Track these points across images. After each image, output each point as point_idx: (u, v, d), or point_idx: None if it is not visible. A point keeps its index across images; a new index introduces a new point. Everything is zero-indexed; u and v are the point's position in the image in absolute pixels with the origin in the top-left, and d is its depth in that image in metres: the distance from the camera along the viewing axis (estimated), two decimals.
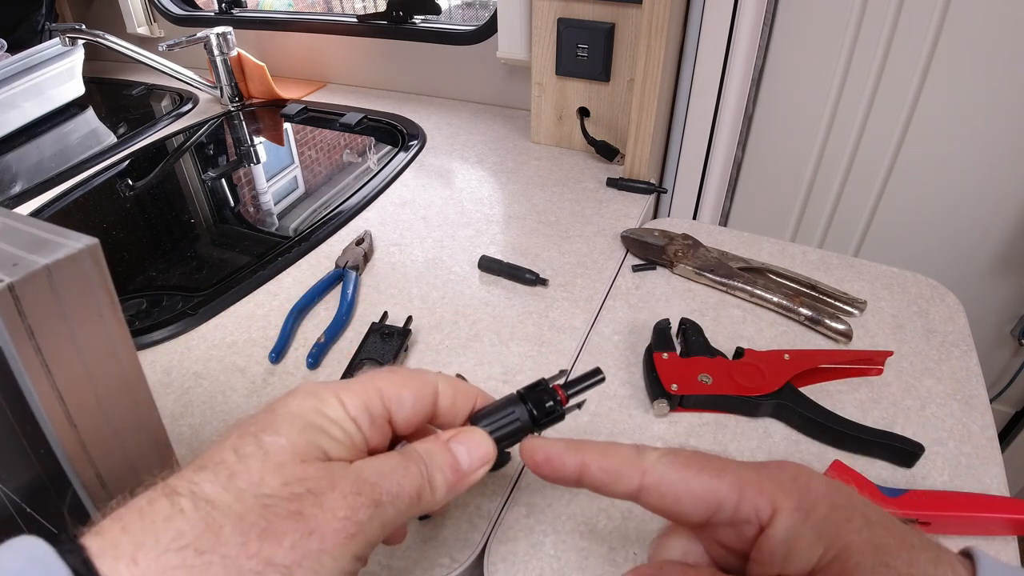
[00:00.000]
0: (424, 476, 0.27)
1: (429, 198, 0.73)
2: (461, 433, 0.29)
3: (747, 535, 0.25)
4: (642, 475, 0.26)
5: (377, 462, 0.26)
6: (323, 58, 1.08)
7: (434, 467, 0.27)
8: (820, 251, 0.61)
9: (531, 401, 0.31)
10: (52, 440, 0.26)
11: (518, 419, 0.30)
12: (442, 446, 0.28)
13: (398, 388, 0.28)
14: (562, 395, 0.31)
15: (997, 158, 0.73)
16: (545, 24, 0.74)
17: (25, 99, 0.95)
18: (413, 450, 0.27)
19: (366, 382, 0.28)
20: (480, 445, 0.29)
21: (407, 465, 0.26)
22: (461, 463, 0.28)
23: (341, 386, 0.27)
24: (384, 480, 0.25)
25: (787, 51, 0.76)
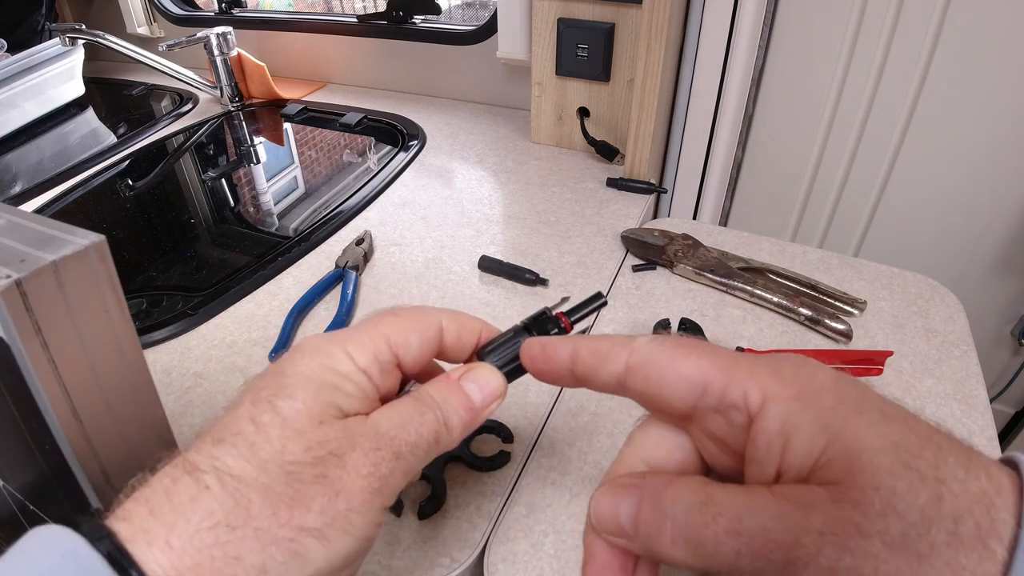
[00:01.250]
0: (440, 420, 0.27)
1: (429, 198, 0.73)
2: (471, 370, 0.29)
3: (736, 423, 0.22)
4: (629, 355, 0.25)
5: (393, 413, 0.26)
6: (323, 58, 1.08)
7: (449, 409, 0.27)
8: (820, 251, 0.61)
9: (536, 331, 0.31)
10: (57, 436, 0.26)
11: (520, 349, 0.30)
12: (454, 386, 0.28)
13: (403, 332, 0.28)
14: (566, 322, 0.31)
15: (997, 158, 0.73)
16: (545, 24, 0.74)
17: (25, 99, 0.95)
18: (426, 394, 0.27)
19: (371, 330, 0.27)
20: (490, 380, 0.29)
21: (422, 412, 0.26)
22: (474, 401, 0.28)
23: (347, 338, 0.27)
24: (402, 431, 0.25)
25: (787, 51, 0.76)
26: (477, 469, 0.41)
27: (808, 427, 0.20)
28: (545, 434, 0.44)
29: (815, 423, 0.20)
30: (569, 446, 0.43)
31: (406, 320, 0.29)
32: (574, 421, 0.45)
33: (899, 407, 0.21)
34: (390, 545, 0.37)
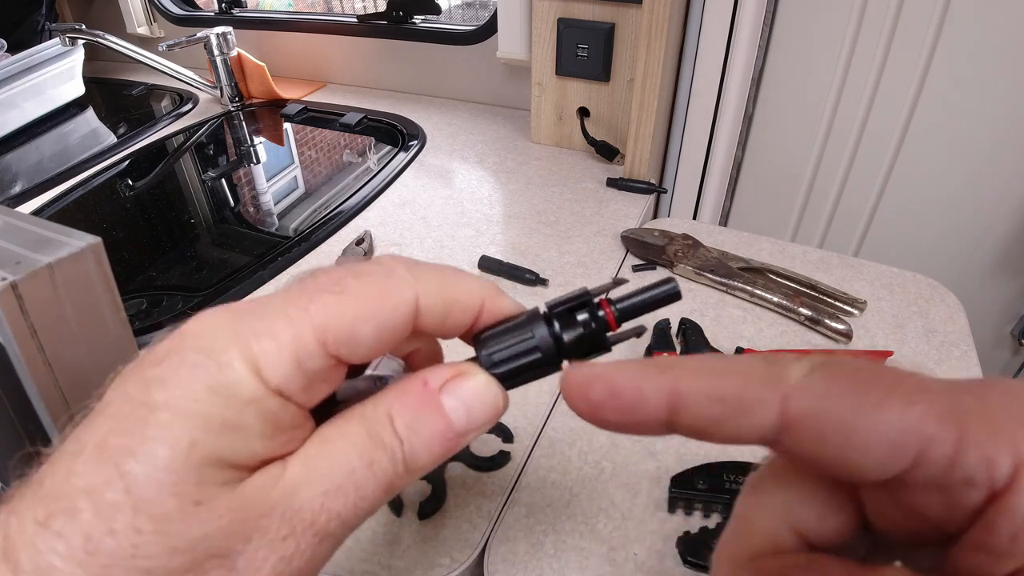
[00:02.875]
0: (399, 461, 0.18)
1: (429, 198, 0.73)
2: (458, 379, 0.20)
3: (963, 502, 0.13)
4: (784, 400, 0.14)
5: (323, 460, 0.18)
6: (323, 58, 1.08)
7: (416, 442, 0.19)
8: (820, 251, 0.61)
9: (558, 320, 0.20)
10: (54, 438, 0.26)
11: (536, 347, 0.20)
12: (430, 403, 0.19)
13: (349, 320, 0.18)
14: (610, 314, 0.21)
15: (997, 158, 0.73)
16: (545, 24, 0.74)
17: (25, 99, 0.95)
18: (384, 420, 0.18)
19: (297, 317, 0.17)
20: (483, 395, 0.20)
21: (372, 455, 0.18)
22: (455, 426, 0.19)
23: (255, 331, 0.17)
24: (334, 498, 0.17)
25: (787, 51, 0.76)
26: (477, 469, 0.41)
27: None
28: (545, 434, 0.44)
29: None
30: (569, 446, 0.43)
31: (356, 301, 0.18)
32: (574, 421, 0.45)
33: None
34: (390, 545, 0.37)
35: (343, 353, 0.18)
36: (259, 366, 0.17)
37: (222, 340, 0.17)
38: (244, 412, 0.16)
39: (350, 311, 0.18)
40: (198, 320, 0.18)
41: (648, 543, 0.37)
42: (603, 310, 0.21)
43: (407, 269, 0.19)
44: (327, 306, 0.18)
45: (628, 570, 0.36)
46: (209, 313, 0.18)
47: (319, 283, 0.18)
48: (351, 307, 0.18)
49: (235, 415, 0.16)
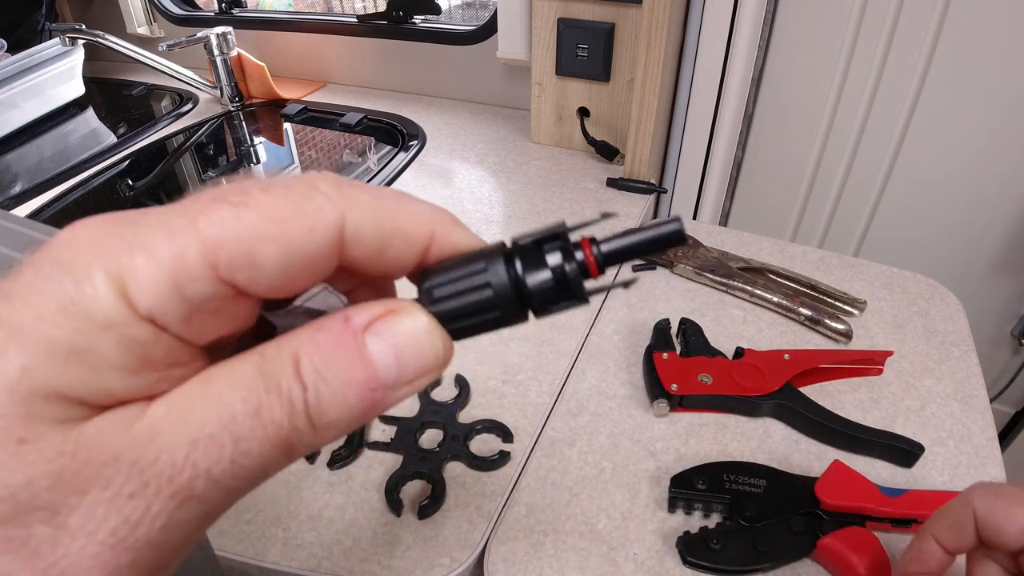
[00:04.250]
0: (298, 418, 0.14)
1: (429, 198, 0.72)
2: (389, 316, 0.16)
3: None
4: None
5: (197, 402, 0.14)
6: (323, 58, 1.08)
7: (324, 392, 0.15)
8: (820, 251, 0.61)
9: (521, 259, 0.16)
10: None
11: (487, 283, 0.16)
12: (347, 347, 0.15)
13: (248, 241, 0.14)
14: (590, 256, 0.17)
15: (997, 158, 0.73)
16: (545, 24, 0.74)
17: (25, 99, 0.95)
18: (285, 355, 0.15)
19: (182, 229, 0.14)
20: (419, 338, 0.16)
21: (260, 399, 0.14)
22: (381, 375, 0.15)
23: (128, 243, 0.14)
24: (200, 451, 0.14)
25: (787, 51, 0.76)
26: (477, 469, 0.41)
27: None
28: (545, 434, 0.44)
29: None
30: (569, 446, 0.43)
31: (260, 216, 0.14)
32: (574, 421, 0.45)
33: None
34: (390, 545, 0.37)
35: (239, 279, 0.14)
36: (126, 285, 0.13)
37: (87, 251, 0.14)
38: (98, 338, 0.13)
39: (251, 227, 0.14)
40: (70, 228, 0.14)
41: (648, 543, 0.37)
42: (583, 251, 0.16)
43: (335, 186, 0.15)
44: (223, 219, 0.14)
45: (628, 570, 0.36)
46: (85, 221, 0.14)
47: (219, 192, 0.14)
48: (253, 222, 0.14)
49: (85, 340, 0.13)
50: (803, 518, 0.37)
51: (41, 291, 0.13)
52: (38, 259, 0.14)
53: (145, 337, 0.14)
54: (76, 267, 0.13)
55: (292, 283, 0.15)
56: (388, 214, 0.16)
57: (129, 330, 0.13)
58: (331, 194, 0.15)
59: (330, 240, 0.15)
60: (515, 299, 0.16)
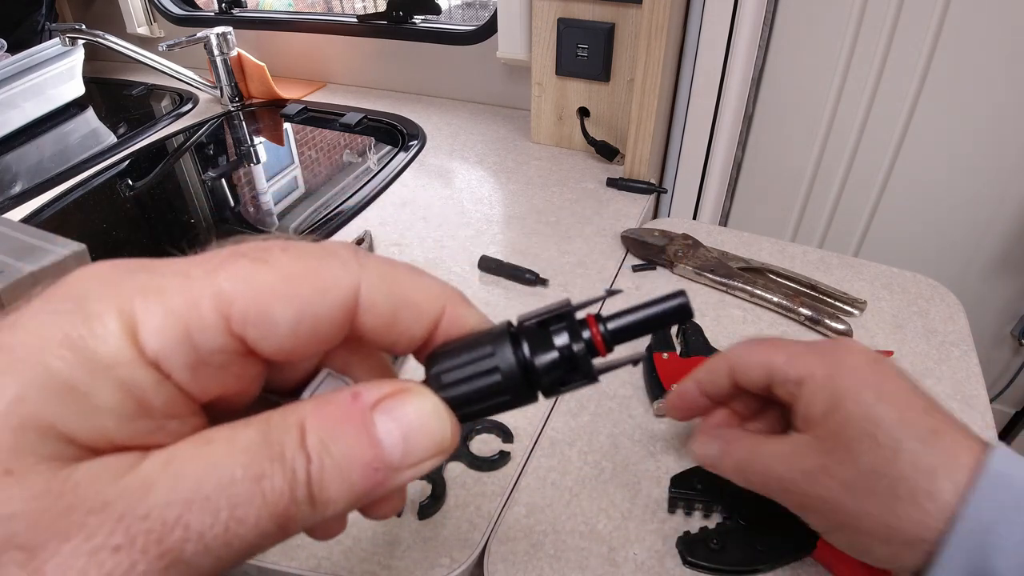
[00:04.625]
0: (299, 490, 0.14)
1: (429, 198, 0.73)
2: (398, 396, 0.15)
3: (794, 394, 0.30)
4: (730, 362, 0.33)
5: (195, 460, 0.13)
6: (323, 58, 1.08)
7: (328, 467, 0.14)
8: (820, 251, 0.61)
9: (530, 341, 0.16)
10: None
11: (496, 368, 0.16)
12: (354, 422, 0.15)
13: (263, 298, 0.14)
14: (597, 335, 0.17)
15: (997, 158, 0.73)
16: (545, 24, 0.74)
17: (25, 99, 0.95)
18: (290, 423, 0.14)
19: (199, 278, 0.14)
20: (427, 422, 0.15)
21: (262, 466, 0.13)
22: (387, 455, 0.15)
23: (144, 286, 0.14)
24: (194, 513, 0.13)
25: (787, 51, 0.76)
26: (477, 469, 0.41)
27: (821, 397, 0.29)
28: (545, 434, 0.44)
29: (827, 395, 0.28)
30: (569, 446, 0.43)
31: (277, 274, 0.14)
32: (574, 421, 0.45)
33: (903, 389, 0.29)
34: (390, 545, 0.37)
35: (250, 335, 0.14)
36: (136, 326, 0.13)
37: (101, 289, 0.13)
38: (99, 375, 0.13)
39: (267, 284, 0.14)
40: (83, 269, 0.14)
41: (648, 543, 0.37)
42: (589, 329, 0.16)
43: (353, 254, 0.16)
44: (240, 274, 0.14)
45: (628, 570, 0.36)
46: (101, 262, 0.14)
47: (240, 248, 0.15)
48: (269, 280, 0.14)
49: (85, 376, 0.13)
50: None
51: (49, 323, 0.13)
52: (50, 293, 0.14)
53: (147, 382, 0.13)
54: (88, 303, 0.13)
55: (301, 345, 0.15)
56: (402, 286, 0.16)
57: (132, 372, 0.13)
58: (348, 261, 0.15)
59: (343, 305, 0.15)
60: (523, 382, 0.16)
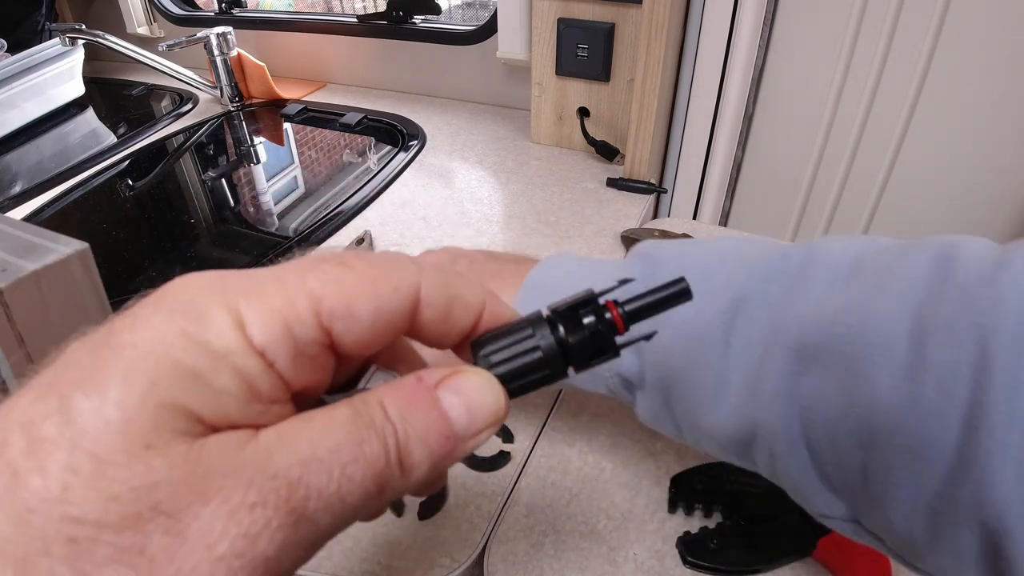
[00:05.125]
0: (392, 453, 0.16)
1: (429, 198, 0.73)
2: (456, 376, 0.18)
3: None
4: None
5: (303, 432, 0.15)
6: (323, 58, 1.08)
7: (411, 435, 0.16)
8: None
9: (564, 326, 0.19)
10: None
11: (538, 347, 0.19)
12: (425, 398, 0.17)
13: (348, 296, 0.16)
14: (617, 316, 0.19)
15: (997, 158, 0.73)
16: (545, 24, 0.74)
17: (25, 99, 0.95)
18: (374, 404, 0.16)
19: (291, 282, 0.16)
20: (484, 396, 0.18)
21: (361, 435, 0.15)
22: (455, 425, 0.17)
23: (244, 289, 0.16)
24: (314, 471, 0.14)
25: (787, 51, 0.76)
26: (477, 469, 0.41)
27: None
28: (545, 434, 0.44)
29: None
30: (569, 446, 0.43)
31: (358, 276, 0.17)
32: (574, 421, 0.45)
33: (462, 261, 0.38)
34: (390, 545, 0.37)
35: (337, 328, 0.16)
36: (243, 321, 0.15)
37: (206, 292, 0.15)
38: (218, 365, 0.14)
39: (350, 284, 0.17)
40: (182, 278, 0.16)
41: (648, 543, 0.37)
42: (610, 312, 0.19)
43: (412, 260, 0.18)
44: (326, 275, 0.16)
45: (628, 570, 0.36)
46: (195, 274, 0.16)
47: (323, 256, 0.18)
48: (352, 280, 0.17)
49: (208, 365, 0.14)
50: (803, 518, 0.36)
51: (165, 321, 0.15)
52: (156, 298, 0.16)
53: (256, 370, 0.15)
54: (198, 303, 0.15)
55: (377, 337, 0.17)
56: (453, 285, 0.19)
57: (243, 360, 0.15)
58: (411, 264, 0.18)
59: (410, 300, 0.17)
60: (561, 358, 0.19)
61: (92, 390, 0.13)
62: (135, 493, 0.13)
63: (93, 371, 0.14)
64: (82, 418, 0.13)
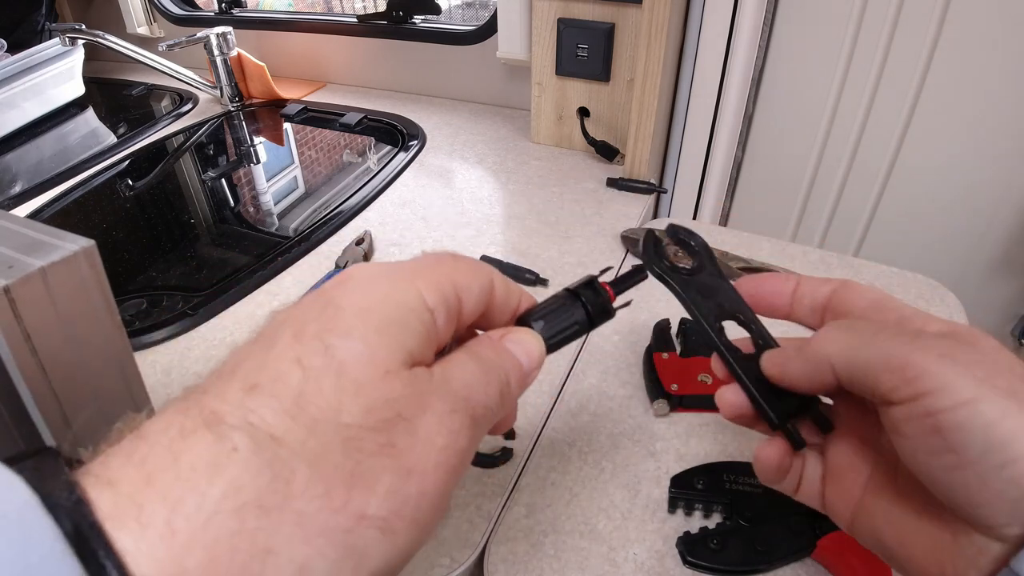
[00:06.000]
0: (502, 381, 0.22)
1: (429, 198, 0.73)
2: (512, 332, 0.25)
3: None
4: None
5: (456, 368, 0.21)
6: (323, 58, 1.08)
7: (508, 370, 0.23)
8: (820, 251, 0.61)
9: (585, 298, 0.28)
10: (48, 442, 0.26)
11: (575, 320, 0.28)
12: (499, 348, 0.24)
13: (466, 275, 0.23)
14: (611, 293, 0.29)
15: (997, 158, 0.73)
16: (545, 24, 0.74)
17: (25, 99, 0.95)
18: (482, 351, 0.23)
19: (436, 267, 0.23)
20: (533, 345, 0.25)
21: (485, 369, 0.22)
22: (521, 362, 0.24)
23: (411, 270, 0.22)
24: (474, 391, 0.21)
25: (787, 51, 0.76)
26: (479, 465, 0.41)
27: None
28: (545, 434, 0.44)
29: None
30: (569, 446, 0.43)
31: (467, 265, 0.24)
32: (574, 421, 0.45)
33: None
34: None
35: (464, 298, 0.23)
36: (419, 289, 0.21)
37: (391, 273, 0.21)
38: (413, 317, 0.20)
39: (465, 270, 0.23)
40: (356, 266, 0.23)
41: (648, 543, 0.37)
42: (607, 291, 0.29)
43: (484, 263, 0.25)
44: (451, 264, 0.23)
45: (628, 570, 0.36)
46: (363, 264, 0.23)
47: (439, 254, 0.24)
48: (464, 268, 0.23)
49: (408, 317, 0.20)
50: (803, 518, 0.36)
51: (370, 287, 0.20)
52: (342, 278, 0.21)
53: (430, 322, 0.21)
54: (390, 278, 0.21)
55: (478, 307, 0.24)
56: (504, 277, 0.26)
57: (425, 316, 0.21)
58: (487, 265, 0.25)
59: (491, 285, 0.25)
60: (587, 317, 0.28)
61: (340, 333, 0.19)
62: (386, 404, 0.18)
63: (333, 322, 0.19)
64: (340, 353, 0.18)
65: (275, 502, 0.16)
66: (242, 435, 0.16)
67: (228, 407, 0.17)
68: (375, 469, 0.17)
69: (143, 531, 0.14)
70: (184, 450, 0.16)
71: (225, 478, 0.15)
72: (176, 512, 0.15)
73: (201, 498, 0.15)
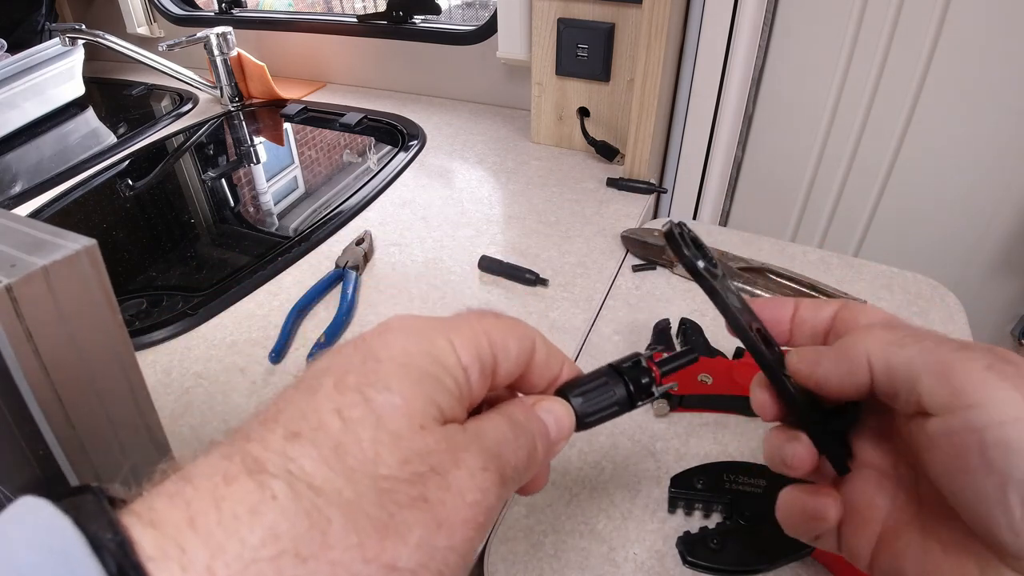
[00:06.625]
0: (531, 444, 0.23)
1: (429, 198, 0.73)
2: (545, 400, 0.25)
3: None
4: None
5: (489, 427, 0.22)
6: (323, 58, 1.08)
7: (536, 435, 0.23)
8: (820, 251, 0.61)
9: (628, 377, 0.27)
10: (50, 441, 0.26)
11: (615, 398, 0.27)
12: (533, 412, 0.24)
13: (504, 335, 0.23)
14: (657, 373, 0.28)
15: (997, 158, 0.73)
16: (545, 24, 0.74)
17: (25, 99, 0.95)
18: (514, 412, 0.23)
19: (473, 324, 0.23)
20: (564, 416, 0.25)
21: (516, 431, 0.22)
22: (550, 430, 0.24)
23: (448, 326, 0.22)
24: (505, 450, 0.21)
25: (787, 51, 0.76)
26: None
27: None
28: None
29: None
30: (569, 446, 0.43)
31: (507, 323, 0.24)
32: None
33: None
34: None
35: (499, 356, 0.23)
36: (454, 346, 0.21)
37: (427, 328, 0.22)
38: (446, 374, 0.21)
39: (503, 328, 0.24)
40: (396, 318, 0.22)
41: (648, 543, 0.37)
42: (652, 372, 0.28)
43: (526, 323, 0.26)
44: (490, 322, 0.23)
45: (628, 570, 0.36)
46: (403, 315, 0.23)
47: (479, 311, 0.24)
48: (503, 326, 0.24)
49: (442, 373, 0.21)
50: None
51: (408, 342, 0.21)
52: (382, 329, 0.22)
53: (464, 380, 0.21)
54: (426, 333, 0.21)
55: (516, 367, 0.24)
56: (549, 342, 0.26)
57: (459, 373, 0.21)
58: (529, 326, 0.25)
59: (532, 346, 0.25)
60: (627, 399, 0.27)
61: (379, 386, 0.19)
62: (420, 458, 0.19)
63: (373, 375, 0.20)
64: (378, 406, 0.19)
65: (311, 551, 0.16)
66: (281, 484, 0.17)
67: (270, 454, 0.18)
68: (408, 521, 0.18)
69: (184, 574, 0.15)
70: (226, 496, 0.16)
71: (264, 525, 0.16)
72: (216, 558, 0.15)
73: (241, 545, 0.15)
